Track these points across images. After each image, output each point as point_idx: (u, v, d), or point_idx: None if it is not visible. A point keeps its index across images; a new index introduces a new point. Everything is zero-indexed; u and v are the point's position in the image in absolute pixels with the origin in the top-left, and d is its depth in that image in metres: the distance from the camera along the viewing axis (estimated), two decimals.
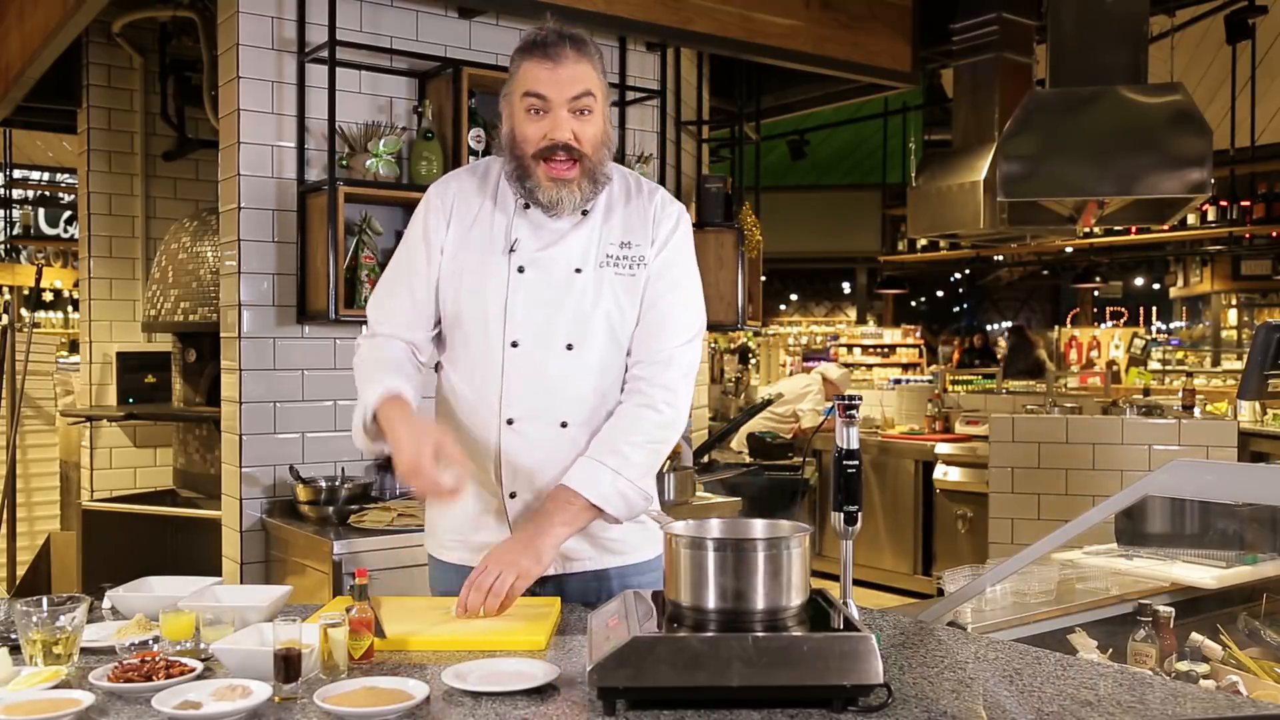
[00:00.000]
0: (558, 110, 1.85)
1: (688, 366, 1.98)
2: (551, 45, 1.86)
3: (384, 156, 3.53)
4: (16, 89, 5.21)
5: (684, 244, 2.02)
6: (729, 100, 5.91)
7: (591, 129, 1.88)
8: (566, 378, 1.92)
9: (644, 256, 1.96)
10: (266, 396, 3.52)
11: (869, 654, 1.40)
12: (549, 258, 1.93)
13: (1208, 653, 2.43)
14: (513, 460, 1.94)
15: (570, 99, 1.85)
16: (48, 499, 6.01)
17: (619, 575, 2.01)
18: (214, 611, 1.69)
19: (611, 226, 1.97)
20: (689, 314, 2.00)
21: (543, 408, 1.92)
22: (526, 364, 1.92)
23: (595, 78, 1.89)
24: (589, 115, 1.88)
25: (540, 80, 1.85)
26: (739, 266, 4.57)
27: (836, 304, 17.79)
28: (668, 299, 1.96)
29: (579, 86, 1.86)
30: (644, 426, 1.90)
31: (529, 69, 1.87)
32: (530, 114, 1.87)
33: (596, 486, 1.85)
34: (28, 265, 11.14)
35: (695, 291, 2.03)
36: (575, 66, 1.86)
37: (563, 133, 1.85)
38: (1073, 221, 5.76)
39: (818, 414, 6.95)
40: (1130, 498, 2.17)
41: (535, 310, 1.92)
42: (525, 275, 1.93)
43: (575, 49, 1.86)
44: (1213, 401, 6.63)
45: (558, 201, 1.90)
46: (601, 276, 1.93)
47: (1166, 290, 14.10)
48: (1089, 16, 5.21)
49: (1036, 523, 5.08)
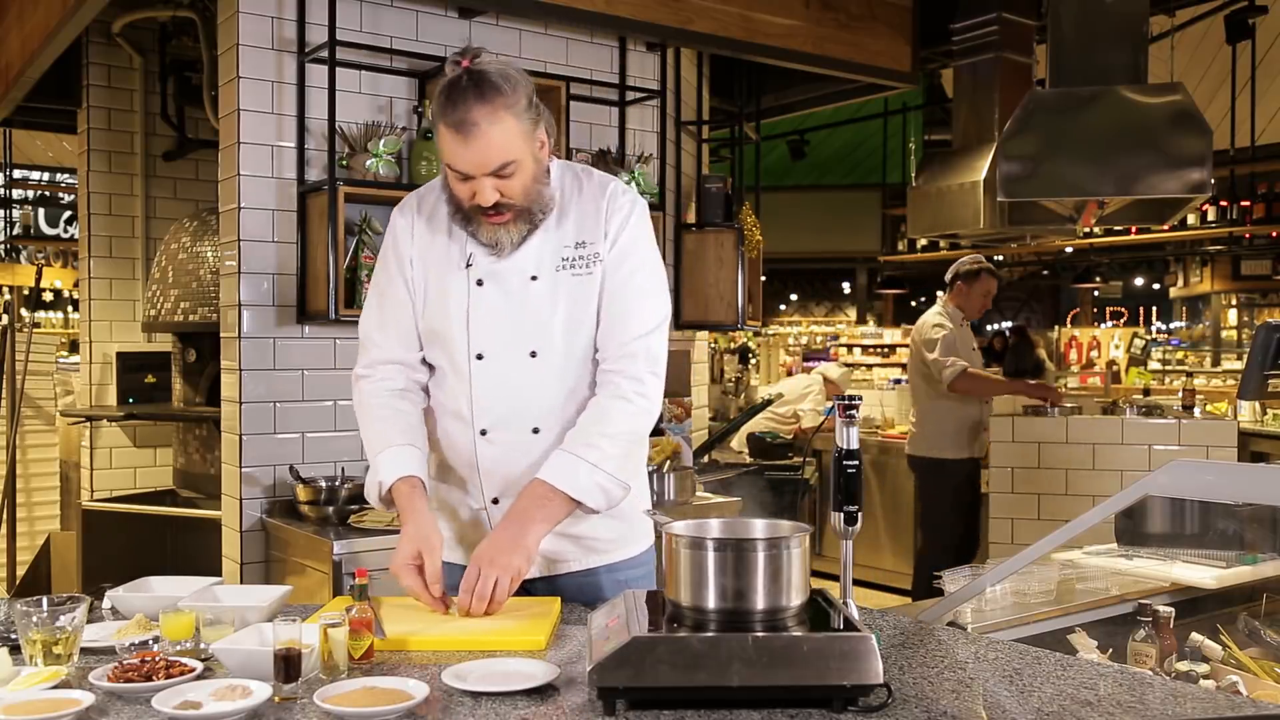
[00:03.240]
0: (480, 179, 1.84)
1: (655, 356, 1.96)
2: (460, 109, 1.79)
3: (384, 156, 3.53)
4: (16, 89, 5.21)
5: (639, 233, 1.98)
6: (729, 100, 5.90)
7: (518, 183, 1.86)
8: (533, 385, 1.94)
9: (598, 253, 1.95)
10: (266, 396, 3.52)
11: (869, 654, 1.40)
12: (504, 269, 1.94)
13: (1208, 653, 2.43)
14: (490, 469, 1.97)
15: (489, 172, 1.84)
16: (48, 499, 6.01)
17: (608, 572, 2.03)
18: (214, 611, 1.69)
19: (565, 229, 1.96)
20: (650, 303, 1.97)
21: (513, 416, 1.95)
22: (493, 375, 1.94)
23: (513, 137, 1.82)
24: (512, 177, 1.85)
25: (457, 156, 1.83)
26: (739, 266, 4.58)
27: (836, 304, 17.79)
28: (626, 290, 1.95)
29: (494, 161, 1.82)
30: (615, 418, 1.90)
31: (445, 137, 1.83)
32: (457, 178, 1.87)
33: (574, 479, 1.86)
34: (28, 265, 11.14)
35: (655, 280, 2.00)
36: (487, 136, 1.79)
37: (487, 197, 1.85)
38: (1073, 221, 5.76)
39: (818, 414, 6.94)
40: (1130, 498, 2.17)
41: (497, 322, 1.94)
42: (484, 288, 1.95)
43: (484, 107, 1.78)
44: (1213, 401, 6.63)
45: (497, 241, 1.92)
46: (558, 281, 1.94)
47: (1166, 290, 14.09)
48: (1089, 16, 5.21)
49: (1036, 523, 5.08)
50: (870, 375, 12.61)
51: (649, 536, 2.11)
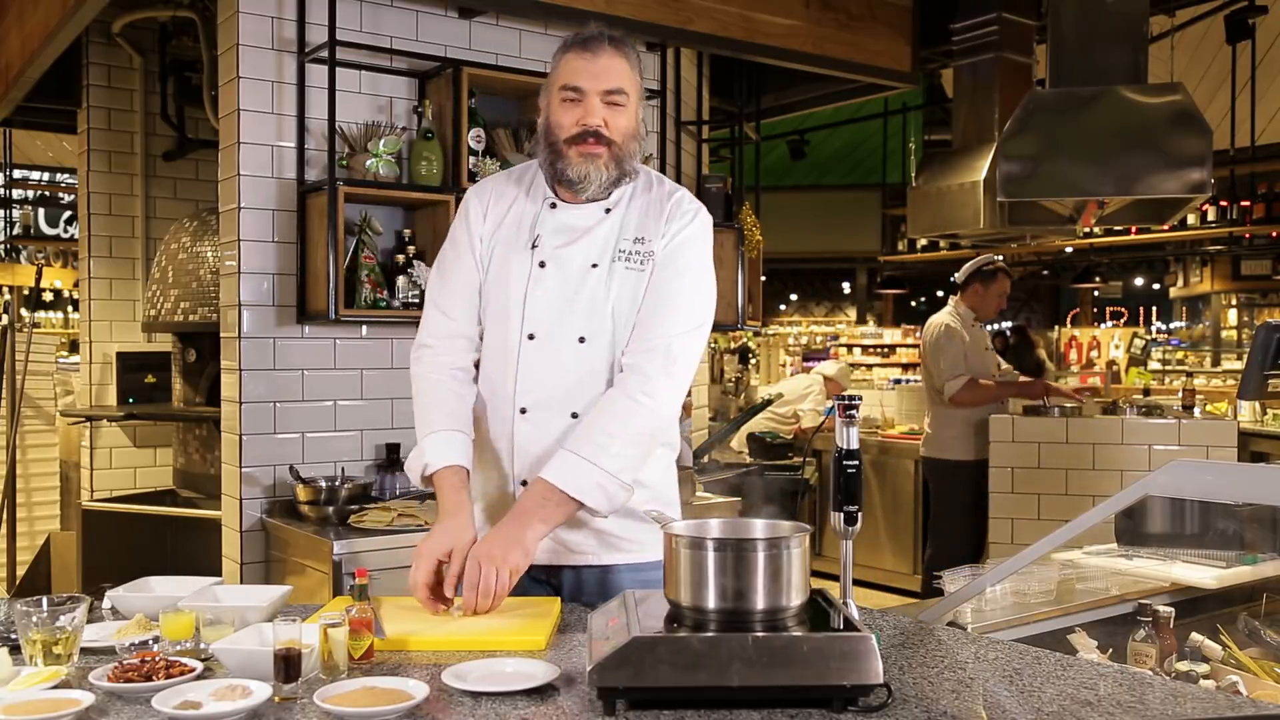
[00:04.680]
0: (591, 99, 1.94)
1: (675, 357, 1.94)
2: (591, 40, 1.96)
3: (384, 156, 3.53)
4: (16, 89, 5.21)
5: (697, 239, 2.02)
6: (729, 100, 5.90)
7: (623, 120, 1.97)
8: (578, 370, 1.96)
9: (653, 251, 1.99)
10: (266, 396, 3.52)
11: (869, 654, 1.40)
12: (568, 254, 1.99)
13: (1208, 653, 2.43)
14: (525, 448, 1.99)
15: (604, 91, 1.94)
16: (48, 499, 6.01)
17: (630, 571, 2.00)
18: (214, 611, 1.70)
19: (628, 222, 2.01)
20: (692, 302, 1.98)
21: (555, 399, 1.97)
22: (541, 356, 1.97)
23: (630, 75, 1.98)
24: (621, 108, 1.96)
25: (577, 72, 1.95)
26: (739, 266, 4.58)
27: (836, 304, 17.78)
28: (669, 289, 1.97)
29: (613, 81, 1.95)
30: (617, 415, 1.90)
31: (567, 62, 1.97)
32: (566, 104, 1.96)
33: (575, 480, 1.86)
34: (28, 265, 11.12)
35: (704, 284, 2.02)
36: (611, 61, 1.95)
37: (594, 119, 1.94)
38: (1073, 221, 5.76)
39: (818, 414, 6.94)
40: (1130, 498, 2.17)
41: (552, 304, 1.98)
42: (545, 270, 1.99)
43: (613, 46, 1.96)
44: (1213, 401, 6.63)
45: (585, 175, 1.96)
46: (613, 271, 1.98)
47: (1166, 290, 14.08)
48: (1089, 16, 5.21)
49: (1036, 523, 5.08)
50: (870, 375, 12.62)
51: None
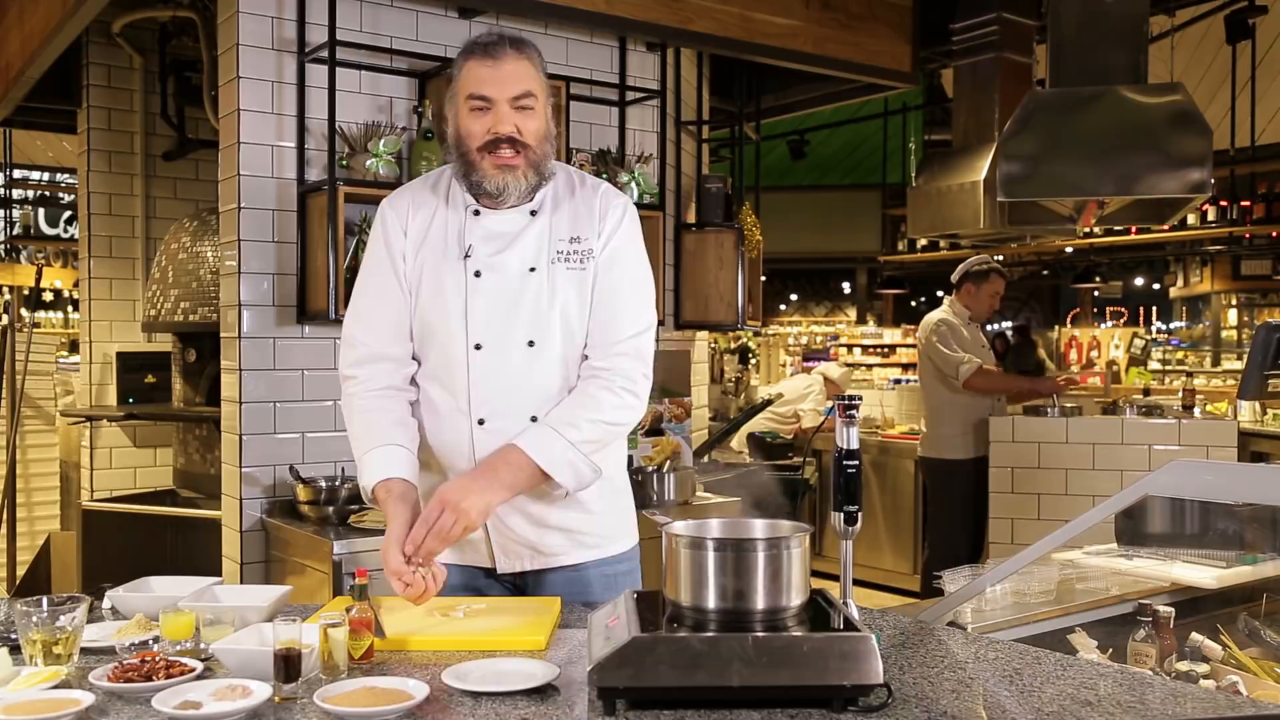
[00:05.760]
0: (500, 106, 1.91)
1: (645, 357, 1.99)
2: (493, 45, 1.92)
3: (384, 156, 3.53)
4: (16, 89, 5.21)
5: (631, 234, 2.04)
6: (729, 100, 5.90)
7: (534, 123, 1.94)
8: (531, 374, 1.96)
9: (592, 250, 1.99)
10: (266, 396, 3.52)
11: (869, 654, 1.40)
12: (502, 261, 1.97)
13: (1208, 653, 2.43)
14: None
15: (512, 97, 1.91)
16: (48, 499, 6.01)
17: (596, 567, 2.04)
18: (214, 611, 1.69)
19: (559, 222, 2.00)
20: (640, 304, 2.01)
21: (511, 405, 1.96)
22: (491, 365, 1.96)
23: (536, 77, 1.95)
24: (531, 111, 1.93)
25: (482, 80, 1.92)
26: (739, 266, 4.58)
27: (836, 304, 17.78)
28: (619, 291, 1.99)
29: (520, 86, 1.92)
30: (604, 407, 1.93)
31: (471, 70, 1.93)
32: (474, 113, 1.93)
33: (548, 452, 1.87)
34: (28, 265, 11.12)
35: (645, 282, 2.04)
36: (515, 65, 1.91)
37: (506, 126, 1.91)
38: (1073, 221, 5.76)
39: (818, 414, 6.94)
40: (1130, 498, 2.17)
41: (495, 312, 1.96)
42: (482, 279, 1.97)
43: (515, 49, 1.92)
44: (1213, 401, 6.62)
45: (503, 188, 1.94)
46: (554, 273, 1.97)
47: (1166, 290, 14.09)
48: (1089, 16, 5.21)
49: (1036, 523, 5.08)
50: (870, 375, 12.61)
51: (635, 533, 2.14)
